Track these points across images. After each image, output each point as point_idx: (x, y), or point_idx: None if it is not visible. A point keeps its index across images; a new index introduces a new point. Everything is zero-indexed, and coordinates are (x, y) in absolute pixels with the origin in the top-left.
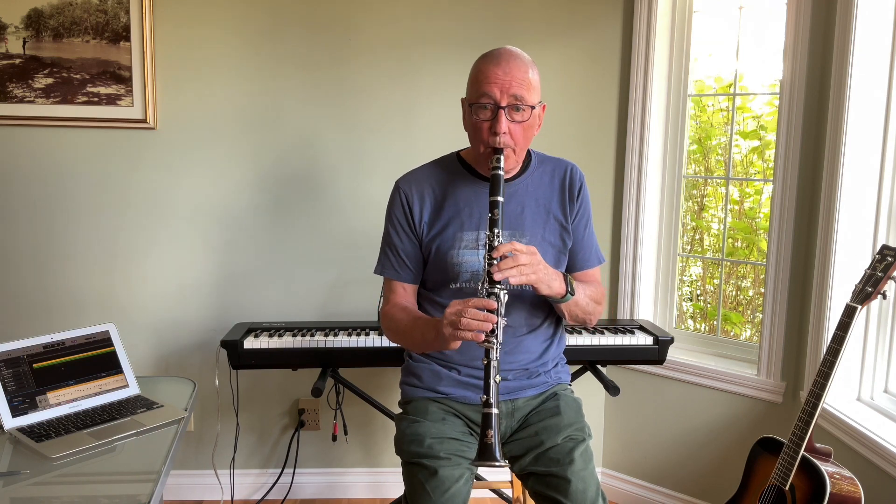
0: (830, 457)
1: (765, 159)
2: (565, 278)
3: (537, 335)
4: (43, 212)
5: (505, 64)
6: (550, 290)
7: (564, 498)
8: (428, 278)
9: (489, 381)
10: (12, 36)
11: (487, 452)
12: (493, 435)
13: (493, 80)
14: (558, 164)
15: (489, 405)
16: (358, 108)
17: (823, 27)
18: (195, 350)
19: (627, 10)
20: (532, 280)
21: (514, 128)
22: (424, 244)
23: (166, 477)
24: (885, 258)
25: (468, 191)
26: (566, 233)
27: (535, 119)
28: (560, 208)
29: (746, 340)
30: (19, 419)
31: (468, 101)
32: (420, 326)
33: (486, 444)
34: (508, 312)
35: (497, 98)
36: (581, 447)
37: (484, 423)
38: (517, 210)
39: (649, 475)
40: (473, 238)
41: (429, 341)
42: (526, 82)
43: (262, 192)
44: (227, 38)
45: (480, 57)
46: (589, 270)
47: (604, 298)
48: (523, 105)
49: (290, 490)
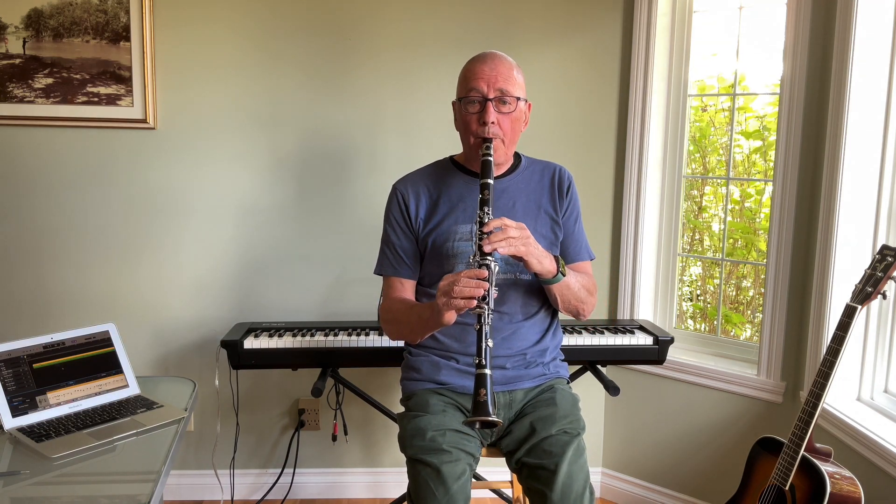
0: (830, 457)
1: (767, 159)
2: (557, 260)
3: (534, 323)
4: (43, 212)
5: (491, 61)
6: (542, 266)
7: (549, 490)
8: (425, 273)
9: (482, 344)
10: (12, 36)
11: (481, 409)
12: (485, 394)
13: (481, 76)
14: (547, 166)
15: (482, 366)
16: (358, 109)
17: (823, 27)
18: (195, 350)
19: (627, 10)
20: (522, 252)
21: (501, 119)
22: (421, 239)
23: (166, 477)
24: (885, 258)
25: (462, 187)
26: (557, 226)
27: (521, 112)
28: (550, 204)
29: (746, 340)
30: (19, 419)
31: (458, 96)
32: (416, 309)
33: (479, 402)
34: (503, 301)
35: (484, 91)
36: (574, 441)
37: (477, 383)
38: (509, 204)
39: (649, 475)
40: (468, 231)
41: (425, 319)
42: (511, 78)
43: (262, 192)
44: (226, 39)
45: (468, 60)
46: (580, 263)
47: (596, 290)
48: (509, 97)
49: (290, 490)
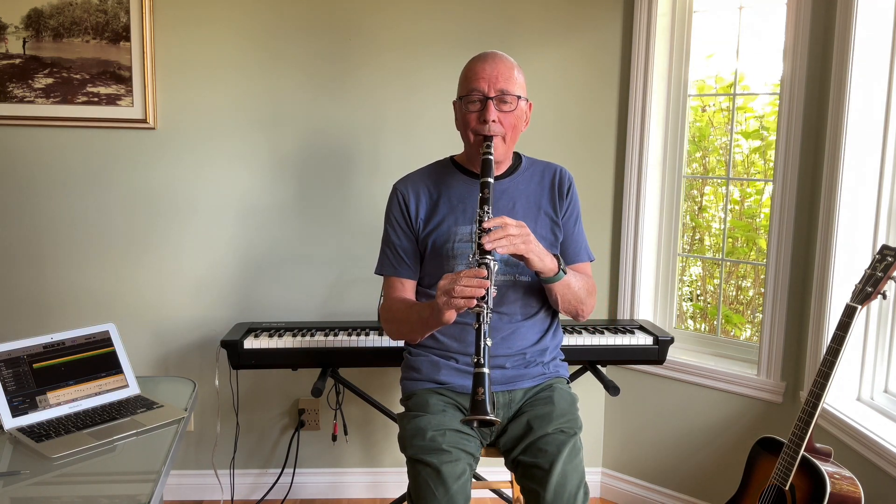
0: (830, 457)
1: (767, 159)
2: (557, 259)
3: (534, 323)
4: (43, 212)
5: (492, 61)
6: (542, 263)
7: (542, 489)
8: (425, 274)
9: (480, 342)
10: (12, 36)
11: (479, 408)
12: (483, 392)
13: (482, 75)
14: (548, 167)
15: (480, 365)
16: (358, 109)
17: (823, 27)
18: (195, 350)
19: (627, 10)
20: (522, 250)
21: (502, 117)
22: (421, 239)
23: (166, 477)
24: (885, 258)
25: (462, 188)
26: (557, 227)
27: (521, 112)
28: (550, 205)
29: (746, 340)
30: (19, 419)
31: (459, 95)
32: (416, 308)
33: (477, 400)
34: (503, 301)
35: (485, 90)
36: (571, 440)
37: (476, 382)
38: (509, 206)
39: (649, 475)
40: (468, 232)
41: (424, 318)
42: (512, 77)
43: (262, 192)
44: (226, 39)
45: (469, 59)
46: (579, 265)
47: (595, 292)
48: (510, 96)
49: (290, 490)
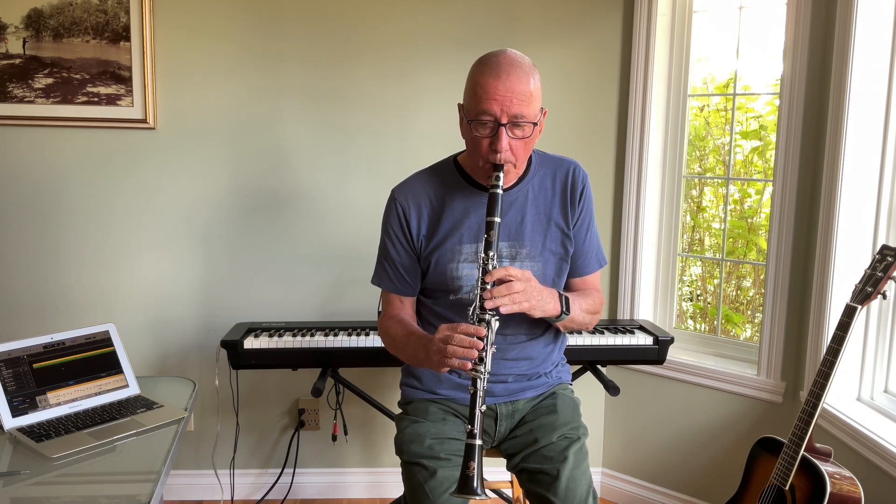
0: (830, 457)
1: (766, 159)
2: (561, 297)
3: (537, 343)
4: (43, 211)
5: (505, 77)
6: (544, 313)
7: (553, 496)
8: (427, 287)
9: (475, 410)
10: (12, 36)
11: (467, 486)
12: (474, 467)
13: (494, 97)
14: (560, 166)
15: (473, 436)
16: (357, 110)
17: (823, 27)
18: (195, 350)
19: (627, 10)
20: (525, 308)
21: (514, 144)
22: (423, 257)
23: (166, 477)
24: (885, 258)
25: (467, 202)
26: (568, 239)
27: (536, 133)
28: (561, 214)
29: (746, 340)
30: (19, 419)
31: (467, 116)
32: (412, 343)
33: (467, 475)
34: (508, 324)
35: (497, 115)
36: (575, 446)
37: (466, 455)
38: (517, 220)
39: (649, 475)
40: (472, 251)
41: (420, 360)
42: (527, 96)
43: (263, 191)
44: (226, 39)
45: (479, 64)
46: (588, 277)
47: (601, 307)
48: (524, 122)
49: (290, 490)
